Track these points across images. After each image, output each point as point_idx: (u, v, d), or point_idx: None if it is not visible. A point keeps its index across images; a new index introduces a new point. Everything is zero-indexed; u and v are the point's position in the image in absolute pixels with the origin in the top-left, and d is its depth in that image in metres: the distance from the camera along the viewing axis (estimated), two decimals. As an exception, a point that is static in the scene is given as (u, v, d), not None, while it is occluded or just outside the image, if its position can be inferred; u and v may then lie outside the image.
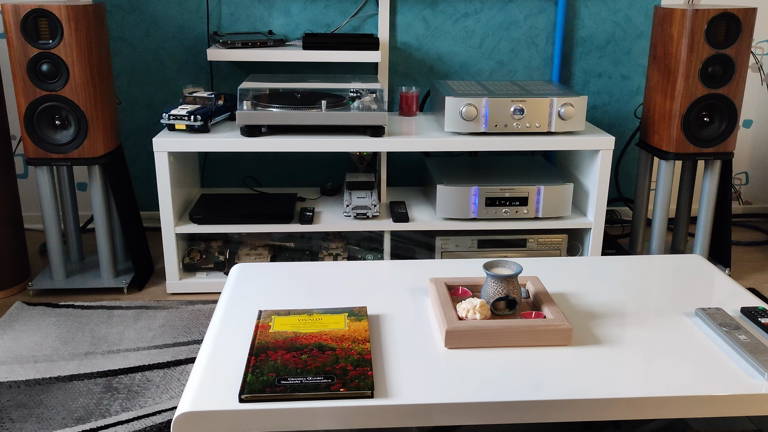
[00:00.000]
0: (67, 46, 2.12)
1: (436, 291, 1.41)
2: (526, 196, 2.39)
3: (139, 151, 2.90)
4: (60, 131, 2.22)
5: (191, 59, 2.78)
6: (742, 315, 1.41)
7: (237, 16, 2.73)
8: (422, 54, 2.82)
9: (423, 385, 1.15)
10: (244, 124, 2.26)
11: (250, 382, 1.13)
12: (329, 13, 2.75)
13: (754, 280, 2.56)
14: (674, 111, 2.34)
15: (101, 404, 1.76)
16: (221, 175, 2.94)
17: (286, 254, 2.52)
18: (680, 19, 2.27)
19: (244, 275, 1.59)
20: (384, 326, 1.35)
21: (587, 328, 1.35)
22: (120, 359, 1.97)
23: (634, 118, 2.98)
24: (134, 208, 2.48)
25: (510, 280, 1.34)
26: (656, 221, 2.51)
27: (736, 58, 2.28)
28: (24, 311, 2.25)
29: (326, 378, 1.14)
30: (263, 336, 1.27)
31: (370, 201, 2.44)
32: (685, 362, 1.23)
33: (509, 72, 2.87)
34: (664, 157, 2.41)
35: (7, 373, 1.90)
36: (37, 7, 2.09)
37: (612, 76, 2.90)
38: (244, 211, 2.38)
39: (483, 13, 2.79)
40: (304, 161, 2.95)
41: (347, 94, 2.42)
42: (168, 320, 2.20)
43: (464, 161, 2.70)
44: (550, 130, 2.33)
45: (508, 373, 1.19)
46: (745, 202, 3.21)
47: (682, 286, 1.55)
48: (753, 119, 3.07)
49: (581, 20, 2.82)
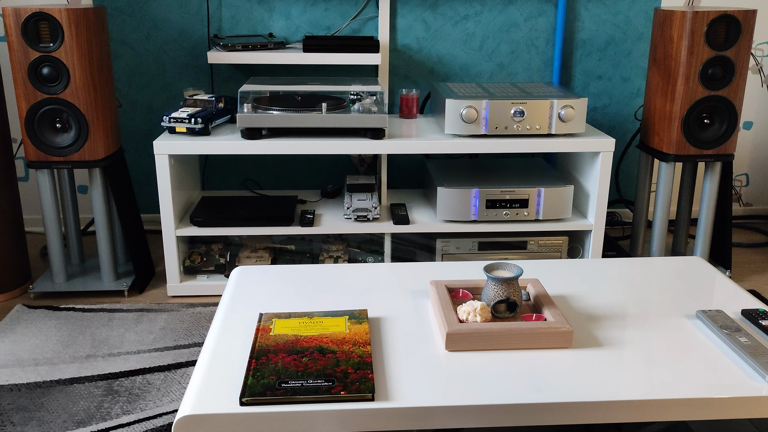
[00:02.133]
0: (67, 49, 2.13)
1: (437, 293, 1.41)
2: (526, 198, 2.39)
3: (140, 153, 2.90)
4: (61, 134, 2.23)
5: (192, 62, 2.78)
6: (742, 317, 1.41)
7: (237, 18, 2.74)
8: (422, 56, 2.82)
9: (424, 387, 1.15)
10: (244, 127, 2.27)
11: (251, 385, 1.13)
12: (329, 15, 2.75)
13: (754, 281, 2.56)
14: (674, 113, 2.34)
15: (102, 407, 1.76)
16: (222, 178, 2.94)
17: (286, 257, 2.52)
18: (680, 21, 2.27)
19: (244, 278, 1.59)
20: (385, 329, 1.35)
21: (588, 331, 1.35)
22: (121, 362, 1.97)
23: (634, 120, 2.98)
24: (135, 211, 2.48)
25: (510, 282, 1.34)
26: (657, 223, 2.51)
27: (736, 59, 2.28)
28: (25, 314, 2.25)
29: (327, 381, 1.14)
30: (264, 339, 1.27)
31: (371, 203, 2.44)
32: (686, 365, 1.23)
33: (509, 74, 2.87)
34: (665, 158, 2.41)
35: (8, 376, 1.90)
36: (37, 10, 2.09)
37: (612, 78, 2.90)
38: (245, 214, 2.38)
39: (483, 15, 2.79)
40: (305, 164, 2.95)
41: (347, 97, 2.42)
42: (169, 323, 2.20)
43: (465, 163, 2.71)
44: (551, 132, 2.33)
45: (508, 376, 1.19)
46: (746, 203, 3.21)
47: (682, 288, 1.55)
48: (753, 121, 3.07)
49: (581, 22, 2.82)
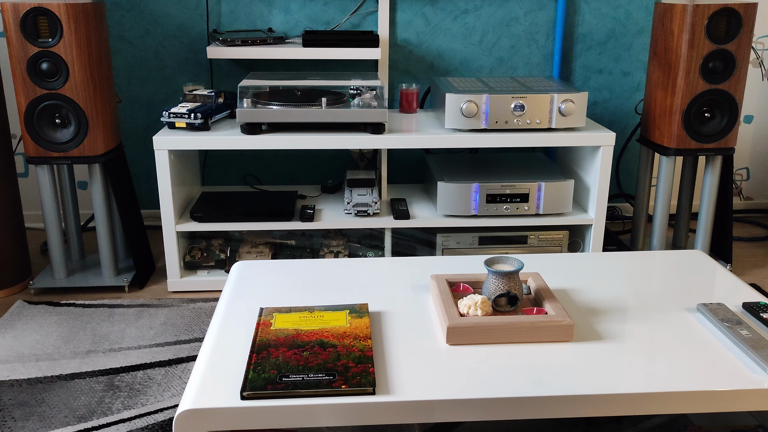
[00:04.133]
0: (66, 44, 2.12)
1: (438, 287, 1.41)
2: (527, 193, 2.39)
3: (140, 149, 2.90)
4: (60, 130, 2.22)
5: (191, 57, 2.78)
6: (743, 310, 1.41)
7: (237, 13, 2.73)
8: (422, 51, 2.82)
9: (424, 381, 1.15)
10: (244, 122, 2.26)
11: (252, 380, 1.13)
12: (329, 10, 2.75)
13: (755, 275, 2.56)
14: (675, 107, 2.33)
15: (103, 402, 1.76)
16: (222, 173, 2.94)
17: (287, 252, 2.52)
18: (681, 15, 2.26)
19: (245, 273, 1.59)
20: (385, 323, 1.35)
21: (588, 324, 1.35)
22: (121, 357, 1.97)
23: (634, 114, 2.97)
24: (135, 207, 2.48)
25: (511, 276, 1.34)
26: (657, 217, 2.51)
27: (737, 53, 2.27)
28: (25, 310, 2.25)
29: (328, 375, 1.14)
30: (264, 333, 1.27)
31: (371, 198, 2.44)
32: (687, 358, 1.23)
33: (509, 68, 2.87)
34: (665, 153, 2.40)
35: (9, 371, 1.90)
36: (36, 5, 2.09)
37: (612, 72, 2.90)
38: (245, 209, 2.38)
39: (483, 9, 2.78)
40: (305, 159, 2.94)
41: (347, 92, 2.42)
42: (169, 318, 2.20)
43: (465, 158, 2.70)
44: (551, 126, 2.33)
45: (509, 370, 1.19)
46: (746, 197, 3.20)
47: (683, 281, 1.55)
48: (754, 114, 3.07)
49: (581, 16, 2.81)
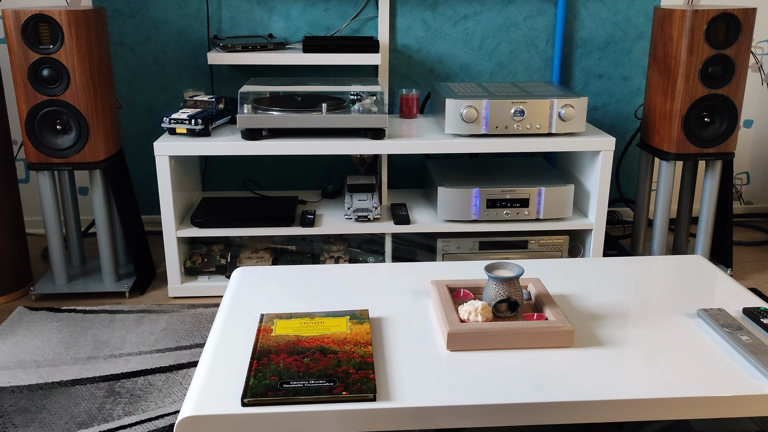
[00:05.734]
0: (67, 51, 2.13)
1: (438, 293, 1.41)
2: (527, 198, 2.39)
3: (140, 155, 2.90)
4: (61, 136, 2.23)
5: (192, 63, 2.78)
6: (744, 315, 1.41)
7: (237, 19, 2.74)
8: (422, 56, 2.82)
9: (425, 387, 1.15)
10: (244, 128, 2.27)
11: (253, 386, 1.13)
12: (329, 16, 2.75)
13: (755, 280, 2.56)
14: (675, 111, 2.34)
15: (104, 409, 1.76)
16: (222, 179, 2.94)
17: (287, 257, 2.52)
18: (680, 20, 2.27)
19: (245, 279, 1.59)
20: (386, 329, 1.35)
21: (589, 330, 1.35)
22: (122, 363, 1.97)
23: (634, 118, 2.98)
24: (135, 212, 2.48)
25: (511, 281, 1.34)
26: (657, 222, 2.51)
27: (736, 58, 2.28)
28: (26, 316, 2.25)
29: (328, 381, 1.14)
30: (265, 339, 1.27)
31: (371, 203, 2.44)
32: (687, 363, 1.23)
33: (509, 73, 2.87)
34: (665, 157, 2.41)
35: (10, 378, 1.90)
36: (37, 12, 2.09)
37: (612, 77, 2.90)
38: (246, 215, 2.38)
39: (483, 15, 2.79)
40: (305, 164, 2.95)
41: (348, 97, 2.42)
42: (170, 324, 2.20)
43: (465, 163, 2.71)
44: (551, 131, 2.33)
45: (510, 375, 1.19)
46: (746, 202, 3.21)
47: (683, 286, 1.55)
48: (753, 119, 3.07)
49: (581, 21, 2.82)
